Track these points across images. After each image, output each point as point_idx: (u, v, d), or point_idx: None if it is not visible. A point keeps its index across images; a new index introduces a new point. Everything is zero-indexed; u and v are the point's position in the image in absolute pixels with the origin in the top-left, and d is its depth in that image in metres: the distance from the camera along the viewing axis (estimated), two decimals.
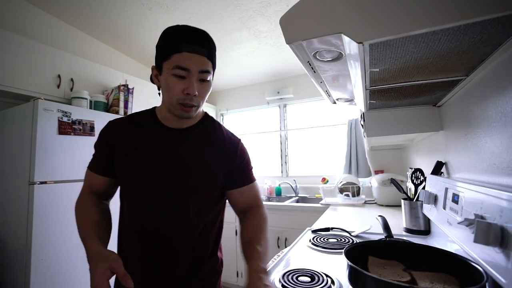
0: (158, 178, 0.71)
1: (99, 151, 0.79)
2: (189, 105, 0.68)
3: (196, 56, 0.66)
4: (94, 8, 2.01)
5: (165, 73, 0.67)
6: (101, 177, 0.78)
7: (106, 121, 1.83)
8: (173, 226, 0.72)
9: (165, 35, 0.70)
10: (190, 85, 0.66)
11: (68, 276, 1.49)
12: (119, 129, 0.77)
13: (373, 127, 1.20)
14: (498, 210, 0.52)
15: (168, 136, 0.75)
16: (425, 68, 0.65)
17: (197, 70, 0.66)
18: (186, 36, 0.66)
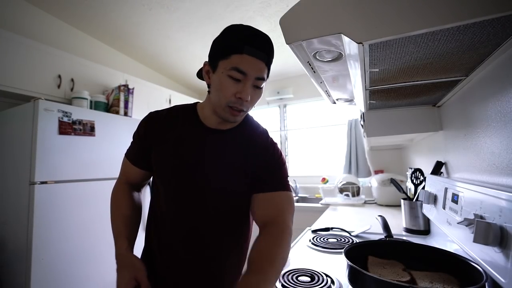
0: (193, 178, 0.70)
1: (137, 143, 0.77)
2: (238, 110, 0.65)
3: (256, 60, 0.62)
4: (94, 8, 2.01)
5: (220, 72, 0.64)
6: (138, 169, 0.78)
7: (106, 121, 1.84)
8: (207, 222, 0.72)
9: (228, 33, 0.65)
10: (245, 89, 0.63)
11: (69, 276, 1.49)
12: (160, 122, 0.75)
13: (373, 127, 1.20)
14: (497, 210, 0.52)
15: (208, 137, 0.72)
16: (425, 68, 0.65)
17: (254, 76, 0.63)
18: (250, 37, 0.63)
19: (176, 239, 0.72)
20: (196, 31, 2.25)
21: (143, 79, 2.60)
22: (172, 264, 0.73)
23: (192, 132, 0.73)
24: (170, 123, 0.74)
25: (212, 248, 0.73)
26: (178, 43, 2.46)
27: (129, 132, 1.92)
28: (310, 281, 0.75)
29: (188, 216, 0.71)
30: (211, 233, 0.72)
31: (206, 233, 0.72)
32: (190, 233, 0.71)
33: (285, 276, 0.78)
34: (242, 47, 0.61)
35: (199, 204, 0.71)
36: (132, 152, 0.79)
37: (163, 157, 0.72)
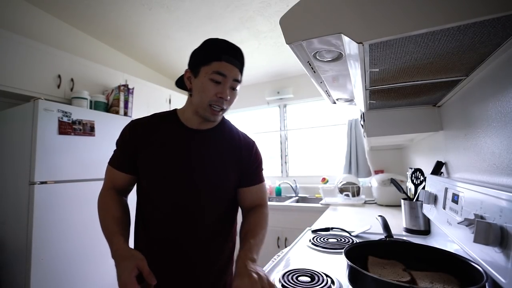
0: (183, 175, 0.77)
1: (121, 149, 0.82)
2: (218, 109, 0.76)
3: (232, 66, 0.74)
4: (94, 8, 2.01)
5: (203, 76, 0.74)
6: (123, 174, 0.82)
7: (106, 121, 1.84)
8: (195, 218, 0.77)
9: (208, 44, 0.78)
10: (224, 90, 0.74)
11: (68, 276, 1.49)
12: (143, 128, 0.81)
13: (373, 127, 1.20)
14: (497, 210, 0.52)
15: (191, 136, 0.80)
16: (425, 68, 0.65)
17: (232, 78, 0.75)
18: (226, 48, 0.75)
19: (169, 236, 0.77)
20: (196, 31, 2.25)
21: (143, 79, 2.60)
22: (165, 264, 0.76)
23: (176, 133, 0.80)
24: (153, 128, 0.81)
25: (204, 243, 0.78)
26: (178, 43, 2.46)
27: None
28: (310, 281, 0.75)
29: (180, 212, 0.77)
30: (203, 227, 0.78)
31: (198, 229, 0.78)
32: (183, 229, 0.77)
33: (285, 276, 0.78)
34: (220, 55, 0.73)
35: (190, 199, 0.77)
36: (116, 159, 0.83)
37: (150, 160, 0.78)
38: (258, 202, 0.86)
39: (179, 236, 0.77)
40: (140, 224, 0.82)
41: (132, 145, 0.79)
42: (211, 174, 0.79)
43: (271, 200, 2.91)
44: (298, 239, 1.21)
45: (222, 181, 0.80)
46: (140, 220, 0.82)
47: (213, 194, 0.79)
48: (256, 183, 0.85)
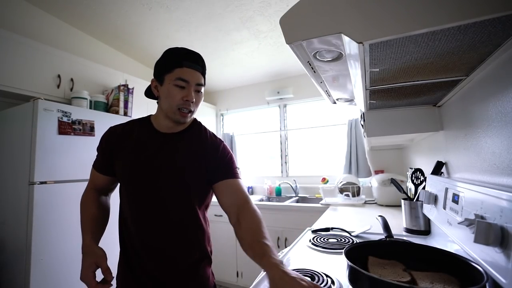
0: (154, 176, 0.81)
1: (100, 153, 0.90)
2: (187, 111, 0.81)
3: (193, 71, 0.80)
4: (94, 8, 2.01)
5: (167, 83, 0.79)
6: (103, 175, 0.90)
7: (106, 121, 1.85)
8: (165, 216, 0.81)
9: (168, 53, 0.83)
10: (189, 93, 0.79)
11: (68, 276, 1.49)
12: (118, 134, 0.88)
13: (373, 127, 1.20)
14: (498, 210, 0.52)
15: (161, 140, 0.85)
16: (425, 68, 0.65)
17: (194, 83, 0.80)
18: (186, 55, 0.81)
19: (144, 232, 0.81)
20: (196, 30, 2.25)
21: (143, 79, 2.60)
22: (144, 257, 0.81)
23: (148, 137, 0.86)
24: (127, 134, 0.87)
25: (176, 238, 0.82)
26: (178, 43, 2.45)
27: None
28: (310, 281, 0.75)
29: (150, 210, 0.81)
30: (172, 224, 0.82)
31: (168, 225, 0.82)
32: (154, 226, 0.81)
33: None
34: (181, 62, 0.79)
35: (159, 198, 0.81)
36: (97, 162, 0.91)
37: (124, 163, 0.84)
38: (242, 197, 0.82)
39: (152, 232, 0.81)
40: (122, 221, 0.87)
41: (108, 150, 0.87)
42: (179, 174, 0.82)
43: (271, 200, 2.91)
44: (298, 239, 1.21)
45: (190, 179, 0.83)
46: (121, 217, 0.87)
47: (181, 191, 0.82)
48: (231, 177, 0.84)
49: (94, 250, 0.73)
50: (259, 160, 3.37)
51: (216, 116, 3.61)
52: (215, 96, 3.64)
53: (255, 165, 3.36)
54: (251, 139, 3.45)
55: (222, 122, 3.66)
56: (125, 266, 0.84)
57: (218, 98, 3.63)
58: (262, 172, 3.28)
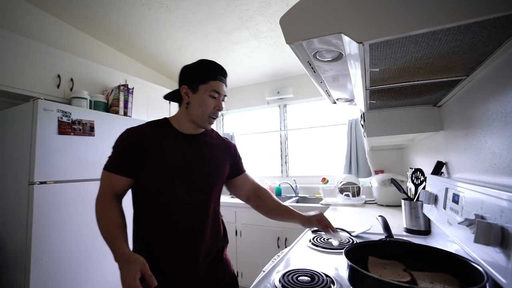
0: (187, 175, 0.88)
1: (121, 154, 0.86)
2: (215, 118, 0.92)
3: (223, 84, 0.92)
4: (94, 8, 2.01)
5: (202, 93, 0.88)
6: (123, 178, 0.85)
7: (106, 121, 1.84)
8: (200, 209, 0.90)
9: (204, 66, 0.91)
10: (220, 103, 0.91)
11: (68, 276, 1.49)
12: (141, 136, 0.87)
13: (373, 127, 1.20)
14: (498, 210, 0.52)
15: (188, 141, 0.93)
16: (426, 68, 0.65)
17: (223, 94, 0.92)
18: (220, 70, 0.91)
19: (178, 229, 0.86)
20: (196, 30, 2.25)
21: (143, 79, 2.60)
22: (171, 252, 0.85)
23: (174, 139, 0.91)
24: (151, 135, 0.89)
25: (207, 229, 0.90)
26: (178, 42, 2.45)
27: None
28: (310, 281, 0.75)
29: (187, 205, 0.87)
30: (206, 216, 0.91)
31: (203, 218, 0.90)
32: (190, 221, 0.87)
33: (285, 276, 0.78)
34: (216, 76, 0.89)
35: (195, 195, 0.89)
36: (114, 164, 0.86)
37: (154, 165, 0.86)
38: (256, 184, 1.09)
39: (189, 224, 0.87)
40: (143, 224, 0.88)
41: (133, 150, 0.85)
42: (209, 171, 0.93)
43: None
44: (298, 239, 1.21)
45: (218, 176, 0.96)
46: (142, 220, 0.88)
47: (211, 187, 0.93)
48: (244, 171, 1.08)
49: (136, 257, 0.72)
50: (259, 160, 3.37)
51: None
52: None
53: (255, 165, 3.36)
54: (251, 139, 3.44)
55: (222, 122, 3.66)
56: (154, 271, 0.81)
57: None
58: (262, 172, 3.28)
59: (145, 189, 0.87)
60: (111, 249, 0.75)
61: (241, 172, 1.06)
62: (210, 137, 1.00)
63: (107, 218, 0.80)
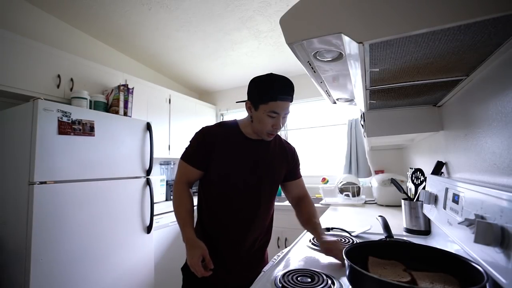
0: (247, 174, 0.99)
1: (197, 149, 1.00)
2: (273, 134, 0.98)
3: (284, 103, 0.91)
4: (94, 8, 2.01)
5: (261, 112, 0.92)
6: (197, 170, 1.00)
7: (106, 121, 1.85)
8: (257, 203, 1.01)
9: (267, 84, 0.92)
10: (278, 123, 0.94)
11: (68, 276, 1.49)
12: (215, 134, 1.00)
13: (373, 127, 1.20)
14: (498, 210, 0.52)
15: (254, 145, 1.02)
16: (426, 68, 0.65)
17: (284, 113, 0.93)
18: (281, 89, 0.90)
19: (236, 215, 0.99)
20: (196, 30, 2.25)
21: (143, 79, 2.59)
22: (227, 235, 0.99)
23: (242, 142, 1.02)
24: (223, 135, 1.00)
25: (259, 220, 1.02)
26: (178, 42, 2.45)
27: (129, 132, 1.93)
28: (311, 281, 0.75)
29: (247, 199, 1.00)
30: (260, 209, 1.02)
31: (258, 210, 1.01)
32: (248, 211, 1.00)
33: (285, 276, 0.78)
34: (276, 97, 0.89)
35: (255, 189, 1.00)
36: (191, 157, 1.01)
37: (224, 161, 0.98)
38: (303, 192, 1.16)
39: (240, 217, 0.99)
40: (205, 210, 1.03)
41: (206, 147, 0.98)
42: (265, 174, 1.01)
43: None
44: (298, 239, 1.21)
45: (277, 176, 1.06)
46: (205, 206, 1.03)
47: (270, 185, 1.04)
48: (298, 177, 1.15)
49: (200, 244, 0.89)
50: None
51: (216, 116, 3.61)
52: (215, 96, 3.63)
53: None
54: None
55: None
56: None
57: (218, 98, 3.62)
58: None
59: (209, 182, 1.01)
60: (181, 231, 0.93)
61: (295, 178, 1.13)
62: (273, 143, 1.07)
63: (181, 204, 0.98)
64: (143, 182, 2.01)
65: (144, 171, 2.04)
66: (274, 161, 1.05)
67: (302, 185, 1.17)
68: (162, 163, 2.93)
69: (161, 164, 2.93)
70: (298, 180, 1.15)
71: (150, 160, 2.06)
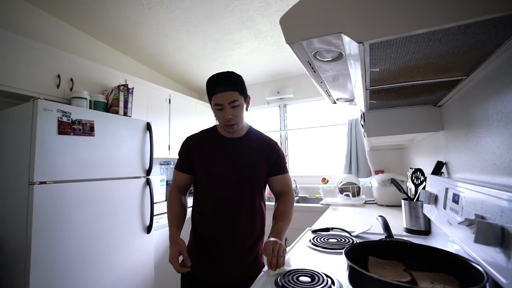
0: (225, 170, 1.04)
1: (182, 156, 1.12)
2: (230, 125, 1.00)
3: (225, 93, 0.96)
4: (94, 8, 2.01)
5: (213, 108, 1.02)
6: (185, 174, 1.11)
7: (105, 121, 1.85)
8: (236, 200, 1.03)
9: (207, 84, 1.01)
10: (226, 113, 0.98)
11: (68, 276, 1.49)
12: (196, 141, 1.11)
13: (373, 127, 1.20)
14: (498, 210, 0.52)
15: (229, 143, 1.08)
16: (426, 68, 0.65)
17: (227, 102, 0.97)
18: (216, 82, 0.98)
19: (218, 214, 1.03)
20: (196, 30, 2.25)
21: (142, 78, 2.59)
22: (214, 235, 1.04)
23: (218, 142, 1.09)
24: (202, 140, 1.11)
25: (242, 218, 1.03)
26: (177, 42, 2.45)
27: (129, 132, 1.93)
28: (311, 281, 0.75)
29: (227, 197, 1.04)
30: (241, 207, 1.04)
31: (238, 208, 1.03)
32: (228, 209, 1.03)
33: (285, 276, 0.78)
34: (214, 91, 0.97)
35: (233, 187, 1.04)
36: (179, 164, 1.13)
37: (204, 162, 1.07)
38: (286, 189, 1.13)
39: (225, 213, 1.03)
40: (196, 210, 1.10)
41: (189, 153, 1.09)
42: (242, 171, 1.05)
43: (271, 200, 2.90)
44: (298, 239, 1.21)
45: (258, 172, 1.07)
46: (196, 206, 1.10)
47: (251, 181, 1.06)
48: (281, 173, 1.12)
49: (178, 241, 0.95)
50: None
51: None
52: None
53: None
54: None
55: None
56: (194, 247, 1.07)
57: None
58: None
59: (196, 183, 1.11)
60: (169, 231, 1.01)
61: (278, 173, 1.11)
62: (251, 139, 1.10)
63: (170, 207, 1.08)
64: (143, 182, 2.01)
65: (144, 171, 2.04)
66: (252, 157, 1.07)
67: (285, 182, 1.14)
68: (162, 163, 2.93)
69: (161, 164, 2.93)
70: (282, 176, 1.12)
71: (150, 160, 2.06)
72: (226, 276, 1.01)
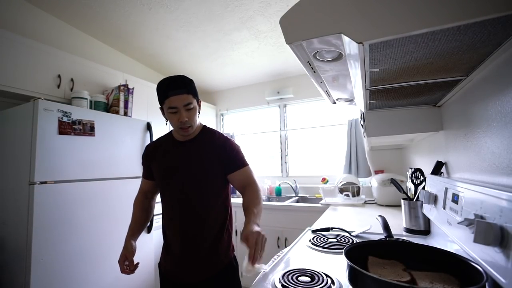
0: (178, 174, 1.05)
1: (143, 164, 1.19)
2: (185, 128, 1.02)
3: (178, 96, 0.98)
4: (94, 8, 2.01)
5: (166, 112, 1.03)
6: (146, 180, 1.20)
7: (106, 121, 1.85)
8: (188, 204, 1.04)
9: (157, 88, 1.03)
10: (180, 116, 1.00)
11: (68, 276, 1.49)
12: (151, 149, 1.16)
13: (373, 127, 1.20)
14: (498, 210, 0.52)
15: (179, 147, 1.10)
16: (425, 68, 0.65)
17: (182, 105, 0.99)
18: (168, 86, 0.98)
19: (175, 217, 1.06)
20: (196, 30, 2.25)
21: (143, 79, 2.59)
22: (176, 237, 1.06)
23: (171, 146, 1.11)
24: (157, 146, 1.15)
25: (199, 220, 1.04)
26: (177, 42, 2.46)
27: (129, 132, 1.93)
28: (310, 281, 0.75)
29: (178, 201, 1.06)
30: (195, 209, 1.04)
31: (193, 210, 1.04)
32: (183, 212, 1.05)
33: (285, 276, 0.78)
34: (166, 94, 0.98)
35: (182, 190, 1.05)
36: (143, 171, 1.21)
37: (157, 167, 1.11)
38: (247, 182, 1.08)
39: (181, 216, 1.05)
40: (163, 213, 1.13)
41: (147, 161, 1.16)
42: (195, 172, 1.05)
43: (271, 200, 2.91)
44: (298, 239, 1.21)
45: (210, 172, 1.06)
46: (162, 210, 1.13)
47: (204, 182, 1.05)
48: (237, 169, 1.07)
49: (128, 246, 1.05)
50: (259, 160, 3.37)
51: (216, 116, 3.61)
52: (215, 96, 3.64)
53: (255, 165, 3.36)
54: (251, 139, 3.45)
55: (222, 122, 3.66)
56: (164, 248, 1.13)
57: (218, 98, 3.62)
58: (262, 172, 3.28)
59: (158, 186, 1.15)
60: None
61: (235, 169, 1.07)
62: (203, 141, 1.09)
63: (132, 212, 1.16)
64: None
65: None
66: (204, 157, 1.06)
67: (246, 175, 1.09)
68: None
69: None
70: (240, 170, 1.07)
71: None
72: (190, 275, 1.04)
